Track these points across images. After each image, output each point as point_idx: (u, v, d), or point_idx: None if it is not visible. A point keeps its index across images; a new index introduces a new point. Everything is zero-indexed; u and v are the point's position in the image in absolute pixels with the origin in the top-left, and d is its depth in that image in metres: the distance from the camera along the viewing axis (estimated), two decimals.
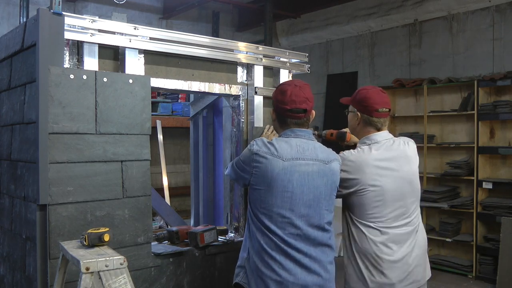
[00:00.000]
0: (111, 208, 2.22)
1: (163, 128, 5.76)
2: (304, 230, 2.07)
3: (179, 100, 6.10)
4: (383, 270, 2.22)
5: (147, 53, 2.44)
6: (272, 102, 2.29)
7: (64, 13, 2.13)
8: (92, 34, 2.23)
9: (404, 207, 2.30)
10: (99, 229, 1.87)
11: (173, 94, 6.05)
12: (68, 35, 2.16)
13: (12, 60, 2.45)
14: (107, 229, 1.87)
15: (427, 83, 5.91)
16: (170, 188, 5.63)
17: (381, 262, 2.22)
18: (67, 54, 2.21)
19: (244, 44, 2.84)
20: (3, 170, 2.56)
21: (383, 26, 6.82)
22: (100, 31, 2.26)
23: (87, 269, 1.64)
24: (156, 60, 2.50)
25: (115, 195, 2.23)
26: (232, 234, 2.83)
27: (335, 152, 2.29)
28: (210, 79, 2.72)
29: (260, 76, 2.87)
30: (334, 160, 2.20)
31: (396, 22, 6.62)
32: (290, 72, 3.03)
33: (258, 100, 2.85)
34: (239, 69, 2.85)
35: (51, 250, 2.05)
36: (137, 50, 2.39)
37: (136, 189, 2.30)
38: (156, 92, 5.78)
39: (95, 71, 2.20)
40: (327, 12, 7.29)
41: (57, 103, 2.07)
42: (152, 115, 2.53)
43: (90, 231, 1.85)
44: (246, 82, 2.87)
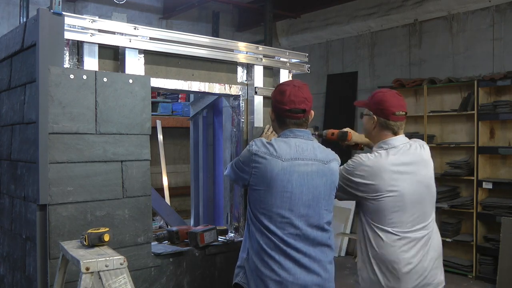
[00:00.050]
0: (111, 208, 2.22)
1: (163, 128, 5.76)
2: (304, 230, 2.07)
3: (179, 100, 6.10)
4: (399, 276, 2.18)
5: (147, 53, 2.44)
6: (271, 103, 2.29)
7: (64, 13, 2.13)
8: (92, 34, 2.23)
9: (421, 211, 2.26)
10: (99, 229, 1.87)
11: (173, 94, 6.05)
12: (68, 35, 2.16)
13: (12, 60, 2.45)
14: (107, 229, 1.87)
15: (427, 83, 5.92)
16: (170, 188, 5.63)
17: (398, 268, 2.17)
18: (67, 54, 2.21)
19: (244, 44, 2.84)
20: (3, 170, 2.56)
21: (383, 26, 6.82)
22: (100, 31, 2.26)
23: (87, 269, 1.64)
24: (156, 60, 2.50)
25: (115, 195, 2.23)
26: (232, 234, 2.83)
27: (334, 152, 2.29)
28: (210, 79, 2.72)
29: (260, 76, 2.87)
30: (333, 160, 2.20)
31: (396, 22, 6.62)
32: (290, 72, 3.03)
33: (258, 100, 2.85)
34: (239, 69, 2.85)
35: (51, 250, 2.05)
36: (137, 50, 2.39)
37: (136, 189, 2.30)
38: (156, 92, 5.78)
39: (95, 71, 2.20)
40: (327, 12, 7.29)
41: (57, 103, 2.07)
42: (152, 115, 2.53)
43: (90, 231, 1.85)
44: (246, 82, 2.87)
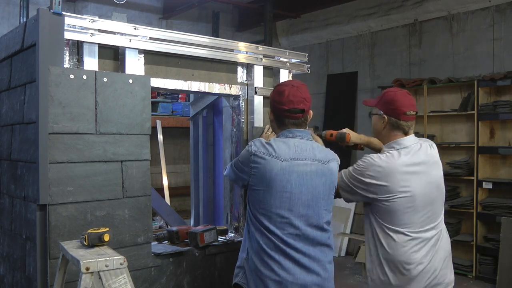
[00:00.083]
0: (111, 208, 2.22)
1: (163, 128, 5.76)
2: (303, 230, 2.07)
3: (179, 100, 6.10)
4: (411, 277, 2.16)
5: (147, 53, 2.44)
6: (270, 103, 2.29)
7: (64, 13, 2.12)
8: (92, 34, 2.23)
9: (432, 211, 2.25)
10: (99, 229, 1.87)
11: (173, 94, 6.05)
12: (68, 35, 2.16)
13: (12, 60, 2.45)
14: (107, 229, 1.87)
15: (427, 83, 5.92)
16: (170, 188, 5.63)
17: (410, 268, 2.15)
18: (67, 54, 2.21)
19: (244, 44, 2.84)
20: (3, 170, 2.56)
21: (383, 26, 6.82)
22: (100, 31, 2.25)
23: (87, 269, 1.64)
24: (156, 60, 2.50)
25: (115, 195, 2.23)
26: (232, 234, 2.83)
27: (333, 152, 2.29)
28: (210, 79, 2.72)
29: (260, 76, 2.87)
30: (332, 160, 2.20)
31: (396, 22, 6.63)
32: (290, 72, 3.02)
33: (258, 100, 2.85)
34: (239, 69, 2.85)
35: (51, 250, 2.05)
36: (137, 50, 2.39)
37: (136, 189, 2.30)
38: (156, 92, 5.78)
39: (95, 71, 2.20)
40: (327, 12, 7.29)
41: (57, 103, 2.07)
42: (152, 115, 2.53)
43: (90, 231, 1.85)
44: (246, 82, 2.87)
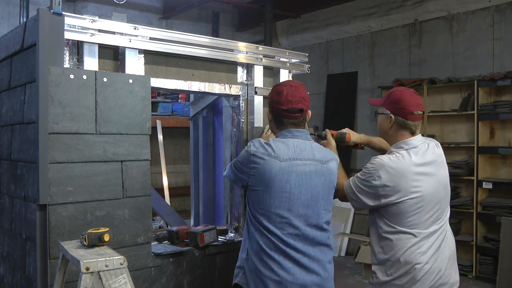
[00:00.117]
0: (111, 208, 2.22)
1: (163, 128, 5.76)
2: (303, 230, 2.07)
3: (179, 100, 6.10)
4: (417, 277, 2.14)
5: (147, 53, 2.44)
6: (268, 103, 2.29)
7: (64, 13, 2.13)
8: (92, 34, 2.23)
9: (439, 211, 2.24)
10: (99, 229, 1.87)
11: (173, 94, 6.05)
12: (68, 35, 2.16)
13: (12, 60, 2.45)
14: (107, 229, 1.87)
15: (427, 83, 5.92)
16: (170, 188, 5.63)
17: (417, 268, 2.14)
18: (67, 54, 2.21)
19: (244, 44, 2.84)
20: (3, 170, 2.56)
21: (383, 26, 6.82)
22: (100, 31, 2.26)
23: (87, 269, 1.64)
24: (156, 60, 2.50)
25: (115, 195, 2.23)
26: (232, 234, 2.83)
27: (332, 152, 2.29)
28: (210, 79, 2.72)
29: (260, 76, 2.87)
30: (331, 160, 2.20)
31: (396, 22, 6.63)
32: (290, 72, 3.02)
33: (258, 100, 2.85)
34: (239, 69, 2.85)
35: (51, 250, 2.05)
36: (137, 50, 2.39)
37: (136, 189, 2.30)
38: (156, 92, 5.78)
39: (95, 71, 2.20)
40: (327, 12, 7.29)
41: (57, 103, 2.07)
42: (152, 115, 2.53)
43: (90, 231, 1.85)
44: (246, 82, 2.87)
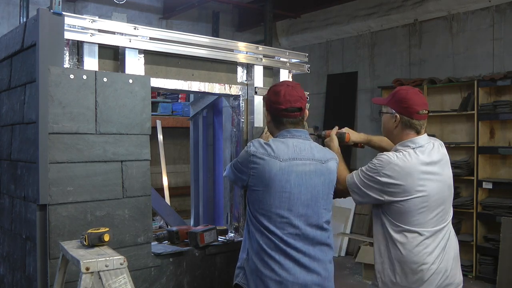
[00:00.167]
0: (111, 208, 2.22)
1: (163, 128, 5.76)
2: (303, 230, 2.07)
3: (179, 100, 6.10)
4: (424, 277, 2.14)
5: (147, 53, 2.44)
6: (266, 104, 2.29)
7: (64, 13, 2.13)
8: (92, 34, 2.23)
9: (443, 211, 2.23)
10: (99, 229, 1.87)
11: (173, 94, 6.05)
12: (68, 35, 2.16)
13: (12, 60, 2.45)
14: (107, 229, 1.87)
15: (427, 83, 5.91)
16: (170, 188, 5.63)
17: (423, 268, 2.14)
18: (67, 54, 2.21)
19: (244, 44, 2.84)
20: (3, 170, 2.56)
21: (383, 26, 6.82)
22: (100, 31, 2.25)
23: (87, 269, 1.64)
24: (156, 60, 2.50)
25: (115, 195, 2.23)
26: (232, 234, 2.83)
27: (331, 151, 2.29)
28: (210, 79, 2.72)
29: (260, 76, 2.87)
30: (331, 159, 2.21)
31: (396, 22, 6.63)
32: (290, 72, 3.02)
33: (258, 100, 2.85)
34: (239, 69, 2.85)
35: (51, 250, 2.05)
36: (137, 50, 2.39)
37: (136, 189, 2.30)
38: (156, 92, 5.78)
39: (95, 71, 2.20)
40: (327, 12, 7.29)
41: (57, 103, 2.07)
42: (152, 115, 2.53)
43: (90, 231, 1.85)
44: (246, 82, 2.87)
